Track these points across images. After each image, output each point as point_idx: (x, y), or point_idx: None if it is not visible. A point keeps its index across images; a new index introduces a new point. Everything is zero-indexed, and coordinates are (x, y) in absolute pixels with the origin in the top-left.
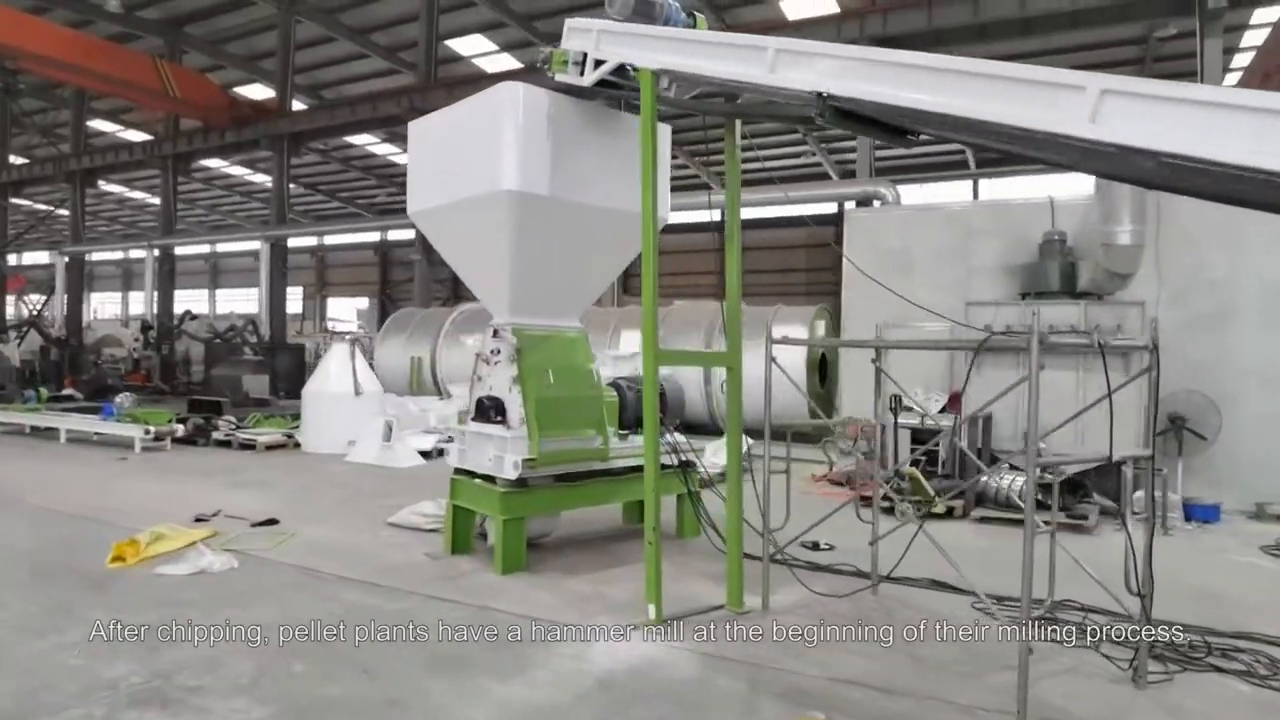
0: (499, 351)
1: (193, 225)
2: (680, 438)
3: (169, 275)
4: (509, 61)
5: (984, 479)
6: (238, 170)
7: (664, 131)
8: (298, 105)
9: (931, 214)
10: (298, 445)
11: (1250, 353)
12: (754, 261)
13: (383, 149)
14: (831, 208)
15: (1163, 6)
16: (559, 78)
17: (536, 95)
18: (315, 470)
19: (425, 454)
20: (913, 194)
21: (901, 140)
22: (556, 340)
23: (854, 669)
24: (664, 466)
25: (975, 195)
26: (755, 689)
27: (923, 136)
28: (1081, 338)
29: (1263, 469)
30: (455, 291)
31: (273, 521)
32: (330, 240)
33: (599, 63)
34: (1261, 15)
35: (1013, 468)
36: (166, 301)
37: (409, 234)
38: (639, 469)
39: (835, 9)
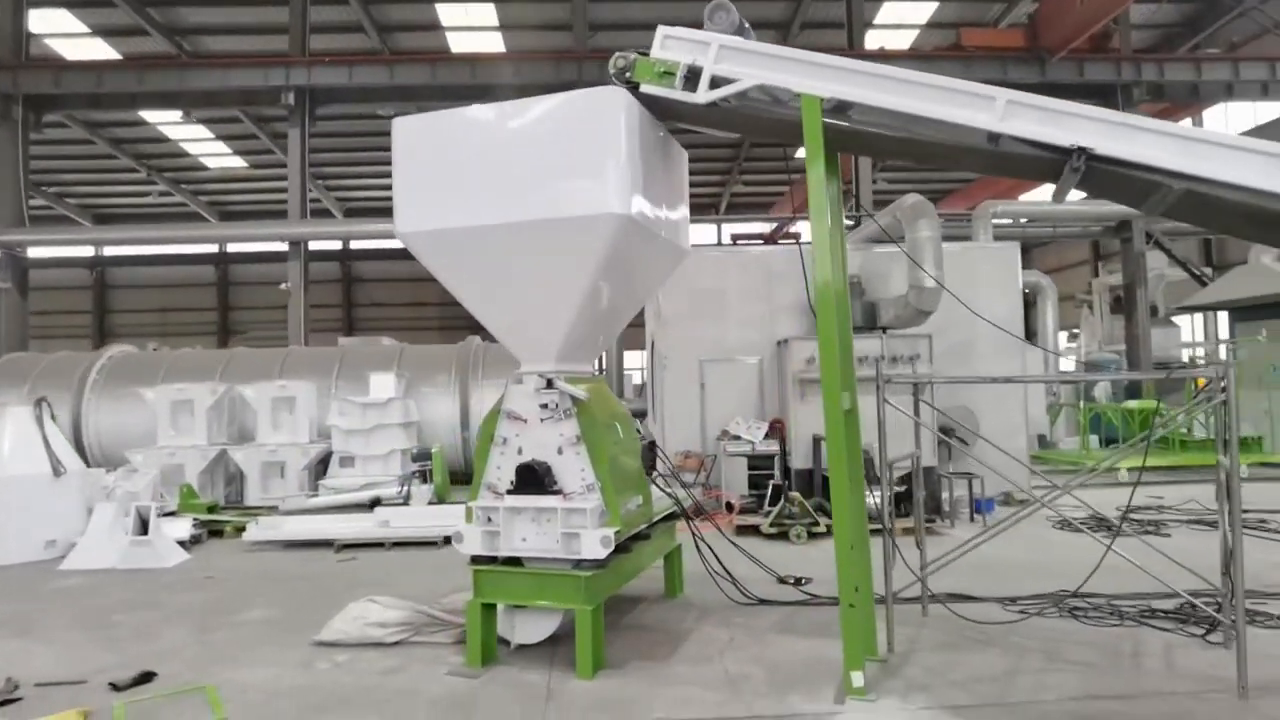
0: (552, 405)
1: None
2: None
3: None
4: (103, 49)
5: None
6: None
7: (684, 157)
8: None
9: (740, 256)
10: None
11: (987, 374)
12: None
13: None
14: None
15: None
16: (648, 89)
17: (635, 107)
18: (52, 592)
19: (181, 543)
20: None
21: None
22: (598, 388)
23: (1075, 686)
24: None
25: None
26: None
27: None
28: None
29: (1001, 465)
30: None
31: (148, 676)
32: None
33: (716, 80)
34: None
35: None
36: None
37: None
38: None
39: (502, 49)
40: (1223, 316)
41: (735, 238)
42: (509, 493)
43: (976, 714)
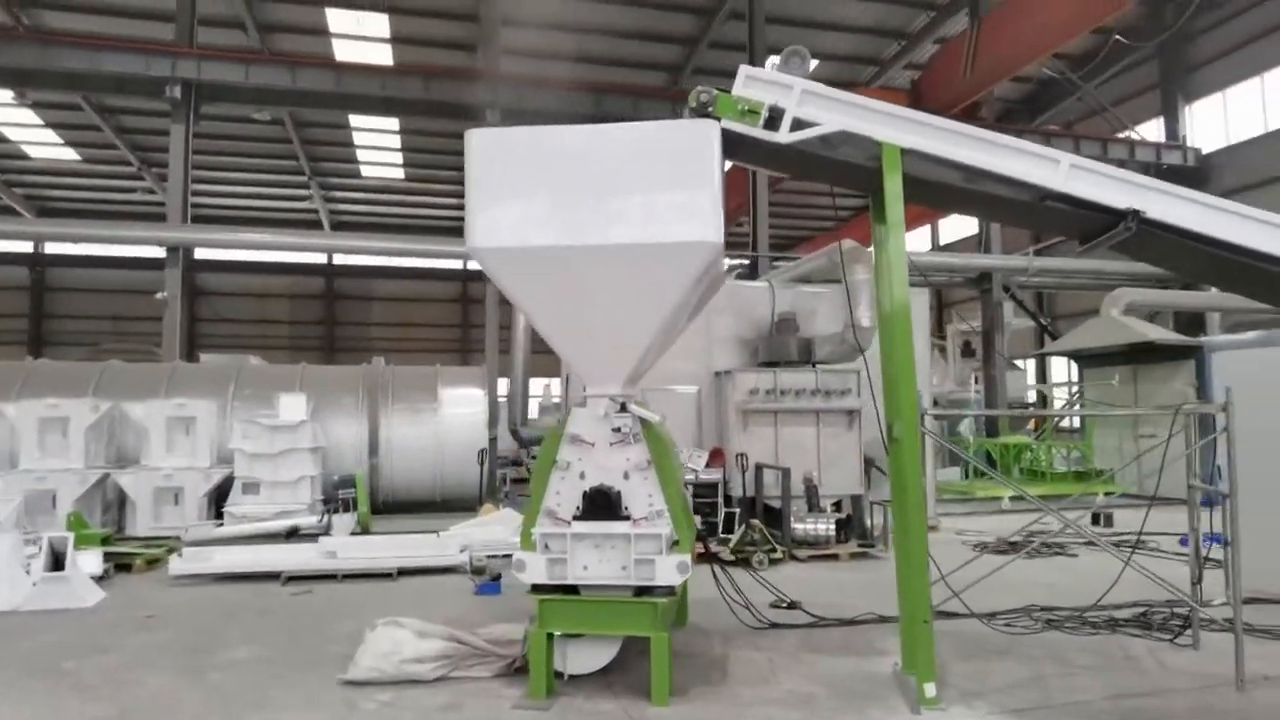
0: (623, 429)
1: None
2: None
3: None
4: None
5: (793, 524)
6: None
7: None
8: None
9: None
10: None
11: None
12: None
13: None
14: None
15: None
16: (730, 125)
17: (719, 140)
18: None
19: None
20: None
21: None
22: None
23: (1100, 687)
24: None
25: None
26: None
27: None
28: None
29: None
30: None
31: None
32: None
33: (799, 123)
34: None
35: (812, 510)
36: None
37: None
38: None
39: (389, 61)
40: (1058, 362)
41: None
42: (576, 519)
43: (1038, 716)
